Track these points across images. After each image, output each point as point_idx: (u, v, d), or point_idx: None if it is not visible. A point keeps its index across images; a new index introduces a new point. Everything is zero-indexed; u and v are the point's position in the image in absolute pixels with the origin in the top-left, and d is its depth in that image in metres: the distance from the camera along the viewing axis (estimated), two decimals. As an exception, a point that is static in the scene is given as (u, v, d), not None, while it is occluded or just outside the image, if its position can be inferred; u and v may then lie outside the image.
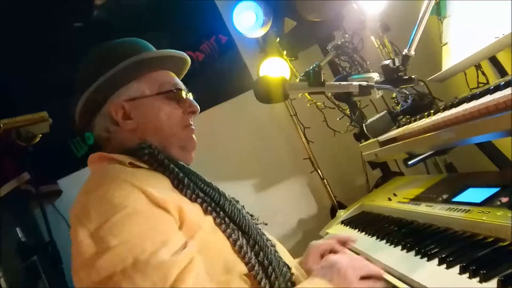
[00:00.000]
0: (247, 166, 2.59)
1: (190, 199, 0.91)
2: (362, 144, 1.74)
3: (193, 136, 1.06)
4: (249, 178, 2.60)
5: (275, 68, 2.24)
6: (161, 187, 0.88)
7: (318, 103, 2.12)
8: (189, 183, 0.92)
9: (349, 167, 2.60)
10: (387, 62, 1.27)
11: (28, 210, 2.34)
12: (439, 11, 1.45)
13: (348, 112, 1.73)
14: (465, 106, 0.99)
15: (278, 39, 2.22)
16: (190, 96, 1.09)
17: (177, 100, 1.04)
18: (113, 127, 1.01)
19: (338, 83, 1.24)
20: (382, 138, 1.49)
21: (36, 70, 2.52)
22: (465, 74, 1.53)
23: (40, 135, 2.20)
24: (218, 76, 2.65)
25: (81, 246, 0.76)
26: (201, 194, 0.92)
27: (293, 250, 1.15)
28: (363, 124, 1.62)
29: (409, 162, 1.35)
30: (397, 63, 1.28)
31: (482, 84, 1.53)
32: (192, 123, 1.06)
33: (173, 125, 1.02)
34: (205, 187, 0.95)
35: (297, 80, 1.27)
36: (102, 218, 0.77)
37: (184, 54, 1.08)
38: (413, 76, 1.23)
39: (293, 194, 2.63)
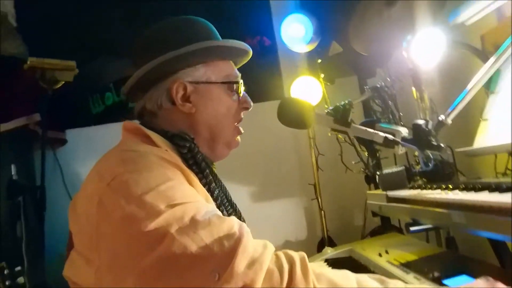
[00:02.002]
0: (252, 172, 2.56)
1: None
2: (369, 191, 1.68)
3: (239, 137, 1.04)
4: (250, 183, 2.57)
5: (308, 88, 2.19)
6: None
7: (339, 135, 2.07)
8: (218, 196, 0.90)
9: (350, 205, 2.54)
10: (420, 122, 1.22)
11: (29, 151, 2.35)
12: (489, 84, 1.38)
13: (366, 154, 1.67)
14: (485, 196, 0.94)
15: (320, 60, 2.17)
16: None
17: (236, 93, 1.01)
18: (168, 104, 0.95)
19: (364, 128, 1.19)
20: (391, 194, 1.43)
21: (78, 24, 2.52)
22: (496, 155, 1.47)
23: (63, 82, 2.21)
24: (250, 77, 2.58)
25: (116, 212, 0.70)
26: (225, 213, 0.89)
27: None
28: (377, 173, 1.57)
29: (411, 228, 1.29)
30: (429, 126, 1.23)
31: (511, 172, 1.46)
32: (242, 118, 1.04)
33: (230, 117, 1.00)
34: (230, 207, 0.92)
35: (326, 110, 1.22)
36: (146, 188, 0.72)
37: (250, 49, 1.06)
38: (442, 145, 1.17)
39: (288, 214, 2.59)
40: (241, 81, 1.03)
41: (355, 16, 1.94)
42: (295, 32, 2.05)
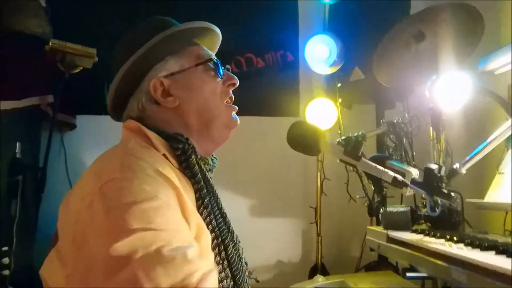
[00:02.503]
0: (256, 184, 2.51)
1: (203, 220, 0.84)
2: (370, 227, 1.63)
3: (235, 114, 1.00)
4: (252, 195, 2.52)
5: (324, 111, 2.15)
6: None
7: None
8: (208, 204, 0.86)
9: (349, 234, 2.49)
10: (433, 166, 1.17)
11: (36, 131, 2.34)
12: (509, 139, 1.33)
13: (372, 188, 1.62)
14: (491, 257, 0.89)
15: (339, 84, 2.13)
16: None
17: (215, 71, 0.97)
18: (153, 106, 0.94)
19: (374, 164, 1.14)
20: (392, 234, 1.38)
21: (103, 12, 2.54)
22: (506, 212, 1.41)
23: (81, 68, 2.20)
24: (268, 90, 2.59)
25: (97, 220, 0.69)
26: (213, 223, 0.85)
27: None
28: (380, 210, 1.52)
29: (408, 274, 1.24)
30: (442, 172, 1.18)
31: (519, 231, 1.40)
32: (233, 97, 1.00)
33: (217, 98, 0.96)
34: (219, 216, 0.89)
35: (338, 139, 1.18)
36: (128, 199, 0.70)
37: (214, 26, 1.01)
38: (452, 194, 1.12)
39: (285, 233, 2.54)
40: (216, 58, 0.98)
41: (381, 46, 1.90)
42: (319, 53, 2.02)
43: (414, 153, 1.62)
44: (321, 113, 2.15)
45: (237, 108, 1.01)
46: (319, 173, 2.34)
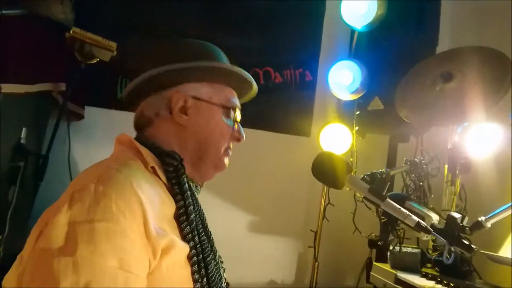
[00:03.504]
0: (258, 199, 2.48)
1: (184, 236, 0.84)
2: (376, 263, 1.60)
3: (227, 160, 1.03)
4: (252, 210, 2.48)
5: (338, 136, 2.12)
6: (164, 212, 0.83)
7: (357, 194, 1.99)
8: (193, 220, 0.86)
9: (346, 264, 2.45)
10: (456, 216, 1.14)
11: (44, 118, 2.29)
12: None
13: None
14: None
15: (358, 112, 2.11)
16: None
17: (232, 121, 1.02)
18: (165, 112, 0.96)
19: (398, 206, 1.11)
20: (402, 276, 1.35)
21: (128, 7, 2.51)
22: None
23: (98, 60, 2.16)
24: (282, 106, 2.57)
25: (52, 229, 0.70)
26: (196, 239, 0.86)
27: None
28: (390, 249, 1.49)
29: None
30: (465, 222, 1.15)
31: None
32: (231, 146, 1.04)
33: (221, 140, 1.00)
34: (203, 234, 0.89)
35: (362, 175, 1.15)
36: (88, 217, 0.71)
37: (253, 82, 1.06)
38: (474, 247, 1.09)
39: (281, 254, 2.50)
40: (239, 111, 1.04)
41: (406, 79, 1.89)
42: (342, 78, 1.99)
43: (433, 196, 1.60)
44: (336, 138, 2.12)
45: (230, 155, 1.04)
46: (324, 197, 2.30)
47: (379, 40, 2.13)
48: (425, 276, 1.37)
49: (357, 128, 2.10)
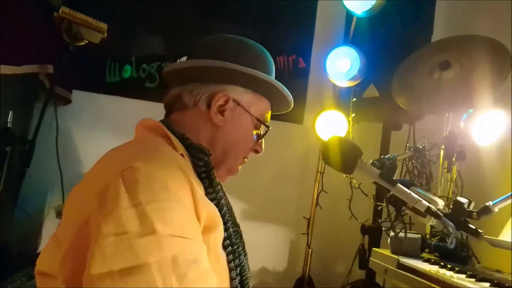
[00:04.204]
0: (249, 187, 2.44)
1: None
2: (376, 249, 1.61)
3: (239, 168, 1.06)
4: (244, 198, 2.46)
5: (333, 123, 2.12)
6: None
7: (354, 180, 1.99)
8: (225, 213, 0.88)
9: (339, 250, 2.47)
10: (463, 200, 1.15)
11: (31, 101, 2.20)
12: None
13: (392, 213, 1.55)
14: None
15: (355, 99, 2.10)
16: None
17: (258, 134, 1.05)
18: (202, 105, 0.97)
19: (408, 191, 1.11)
20: (405, 261, 1.36)
21: None
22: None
23: (86, 42, 2.08)
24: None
25: (119, 213, 0.67)
26: (230, 230, 0.88)
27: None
28: (390, 235, 1.50)
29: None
30: (471, 207, 1.16)
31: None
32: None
33: (244, 148, 1.02)
34: (234, 225, 0.92)
35: (372, 160, 1.14)
36: (151, 196, 0.69)
37: (291, 106, 1.11)
38: (480, 231, 1.10)
39: (273, 241, 2.50)
40: (269, 127, 1.06)
41: (403, 67, 1.88)
42: (340, 65, 1.97)
43: (434, 182, 1.61)
44: (331, 125, 2.11)
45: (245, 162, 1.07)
46: (317, 184, 2.30)
47: (376, 27, 2.11)
48: (427, 261, 1.38)
49: (353, 115, 2.09)
